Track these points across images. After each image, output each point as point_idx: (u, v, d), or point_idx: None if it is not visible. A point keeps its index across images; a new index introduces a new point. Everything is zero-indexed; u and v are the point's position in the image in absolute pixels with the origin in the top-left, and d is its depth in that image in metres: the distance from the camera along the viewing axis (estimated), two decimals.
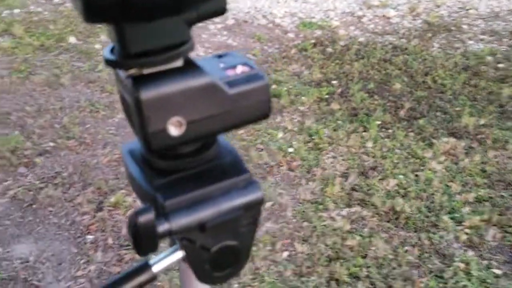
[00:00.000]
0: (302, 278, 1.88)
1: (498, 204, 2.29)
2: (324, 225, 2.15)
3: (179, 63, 0.36)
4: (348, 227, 2.15)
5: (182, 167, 0.40)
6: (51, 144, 2.68)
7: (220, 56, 0.42)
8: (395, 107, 3.06)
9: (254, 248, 2.01)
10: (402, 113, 3.00)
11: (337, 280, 1.88)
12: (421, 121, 2.90)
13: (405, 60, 3.59)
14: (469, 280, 1.90)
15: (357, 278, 1.90)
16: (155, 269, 0.40)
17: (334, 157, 2.61)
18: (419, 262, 1.99)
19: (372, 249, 2.04)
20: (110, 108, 3.07)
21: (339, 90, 3.25)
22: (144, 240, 0.36)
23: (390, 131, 2.83)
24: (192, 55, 0.39)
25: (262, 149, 2.67)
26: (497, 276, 1.93)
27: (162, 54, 0.35)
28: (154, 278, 0.40)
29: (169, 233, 0.38)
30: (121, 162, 2.55)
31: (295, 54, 3.79)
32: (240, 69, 0.39)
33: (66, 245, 1.99)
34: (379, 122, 2.88)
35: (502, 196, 2.35)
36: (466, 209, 2.27)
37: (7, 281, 1.81)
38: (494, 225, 2.18)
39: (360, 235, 2.10)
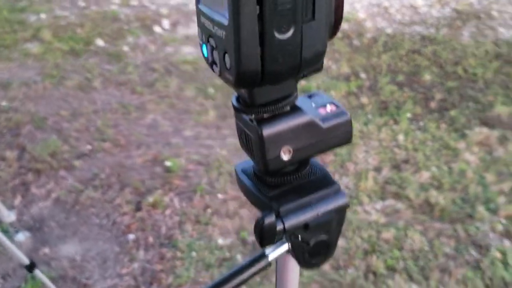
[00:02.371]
0: (340, 271, 1.91)
1: None
2: (360, 219, 2.17)
3: (288, 108, 0.49)
4: (383, 220, 2.17)
5: (287, 182, 0.52)
6: (88, 147, 2.76)
7: (310, 96, 0.54)
8: (425, 99, 3.05)
9: None
10: (432, 104, 2.98)
11: (374, 272, 1.91)
12: (452, 112, 2.88)
13: (434, 50, 3.56)
14: (507, 270, 1.90)
15: (394, 270, 1.92)
16: (270, 258, 0.52)
17: (366, 151, 2.62)
18: (455, 253, 2.00)
19: (407, 241, 2.05)
20: (141, 109, 3.14)
21: (368, 83, 3.25)
22: (266, 236, 0.50)
23: (421, 123, 2.82)
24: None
25: None
26: None
27: (279, 103, 0.48)
28: (269, 265, 0.52)
29: (283, 231, 0.50)
30: (155, 163, 2.62)
31: None
32: (329, 107, 0.52)
33: (109, 244, 2.07)
34: (409, 115, 2.88)
35: None
36: (502, 199, 2.25)
37: (57, 279, 1.89)
38: None
39: (395, 228, 2.12)
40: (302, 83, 2.90)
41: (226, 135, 2.85)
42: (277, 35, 0.42)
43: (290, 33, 0.43)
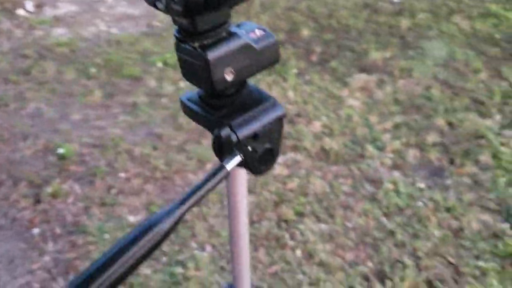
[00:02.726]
0: (255, 225, 1.99)
1: (413, 127, 2.52)
2: (264, 175, 2.26)
3: (225, 34, 0.55)
4: (286, 172, 2.27)
5: (232, 101, 0.59)
6: None
7: (238, 25, 0.59)
8: (306, 53, 3.19)
9: (204, 208, 2.08)
10: (314, 58, 3.14)
11: (285, 220, 2.01)
12: (333, 63, 3.06)
13: (308, 6, 3.71)
14: (399, 197, 2.11)
15: (302, 215, 2.04)
16: (228, 168, 0.57)
17: None
18: (353, 191, 2.17)
19: (310, 187, 2.18)
20: (19, 99, 2.93)
21: None
22: (225, 148, 0.56)
23: (306, 77, 2.96)
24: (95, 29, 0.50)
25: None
26: (421, 190, 2.15)
27: (218, 29, 0.54)
28: (228, 174, 0.56)
29: (238, 142, 0.57)
30: (46, 152, 2.48)
31: None
32: (258, 32, 0.58)
33: (13, 243, 1.95)
34: (295, 70, 3.00)
35: (415, 120, 2.58)
36: (386, 136, 2.47)
37: None
38: (413, 146, 2.41)
39: (298, 177, 2.24)
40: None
41: (116, 114, 2.76)
42: None
43: None
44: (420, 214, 2.02)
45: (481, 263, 1.81)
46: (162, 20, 3.73)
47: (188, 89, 2.54)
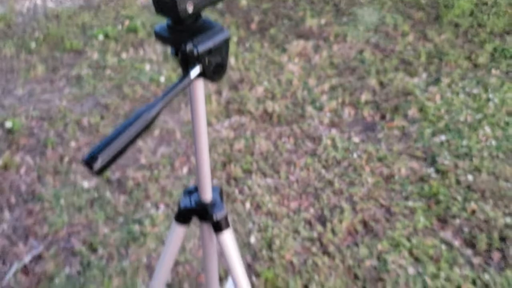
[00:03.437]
0: None
1: (348, 88, 2.71)
2: (212, 138, 2.39)
3: None
4: (232, 134, 2.41)
5: (192, 27, 0.74)
6: None
7: None
8: (246, 22, 3.30)
9: (155, 171, 2.18)
10: (253, 26, 3.25)
11: (234, 178, 2.16)
12: (271, 30, 3.19)
13: None
14: (336, 151, 2.30)
15: (250, 172, 2.19)
16: (192, 76, 0.72)
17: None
18: (295, 148, 2.34)
19: (256, 147, 2.33)
20: None
21: None
22: (190, 59, 0.72)
23: (247, 44, 3.08)
24: (30, 3, 0.61)
25: (134, 84, 2.76)
26: (356, 143, 2.35)
27: None
28: (191, 81, 0.72)
29: (198, 55, 0.72)
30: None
31: None
32: None
33: None
34: (236, 39, 3.11)
35: (349, 81, 2.77)
36: (324, 97, 2.65)
37: None
38: (348, 105, 2.60)
39: (244, 138, 2.38)
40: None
41: (62, 87, 2.79)
42: None
43: None
44: (355, 165, 2.22)
45: (409, 203, 2.03)
46: None
47: (130, 60, 2.63)
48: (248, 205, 2.04)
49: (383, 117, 2.51)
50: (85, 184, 2.12)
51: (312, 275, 1.74)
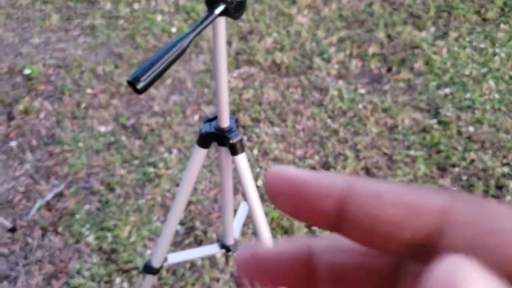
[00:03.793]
0: None
1: (356, 40, 2.76)
2: None
3: None
4: (241, 84, 2.48)
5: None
6: None
7: None
8: None
9: (168, 118, 2.28)
10: None
11: (243, 126, 2.25)
12: None
13: None
14: (343, 102, 2.38)
15: (258, 120, 2.29)
16: (216, 12, 0.79)
17: None
18: (303, 98, 2.42)
19: (264, 97, 2.41)
20: None
21: None
22: (214, 0, 0.79)
23: None
24: None
25: (147, 34, 2.82)
26: (362, 95, 2.42)
27: None
28: (216, 17, 0.79)
29: None
30: (12, 74, 2.58)
31: None
32: None
33: None
34: None
35: (358, 34, 2.81)
36: (332, 49, 2.70)
37: None
38: (355, 57, 2.65)
39: (253, 88, 2.46)
40: None
41: (76, 36, 2.86)
42: None
43: None
44: (360, 115, 2.30)
45: (411, 152, 2.12)
46: None
47: (142, 11, 2.66)
48: (256, 151, 2.14)
49: (389, 69, 2.57)
50: (102, 129, 2.23)
51: None
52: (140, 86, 0.66)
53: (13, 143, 2.16)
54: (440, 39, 2.76)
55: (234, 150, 0.87)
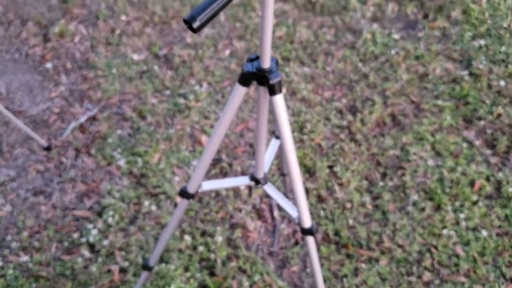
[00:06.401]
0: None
1: None
2: (255, 23, 2.46)
3: None
4: (274, 21, 2.47)
5: None
6: None
7: None
8: None
9: (200, 51, 2.30)
10: None
11: None
12: None
13: None
14: (375, 46, 2.36)
15: (288, 59, 2.29)
16: None
17: None
18: (335, 39, 2.40)
19: (296, 35, 2.40)
20: None
21: None
22: None
23: None
24: None
25: None
26: (395, 40, 2.39)
27: None
28: None
29: None
30: None
31: None
32: None
33: (30, 75, 2.17)
34: None
35: None
36: None
37: None
38: (392, 0, 2.59)
39: (286, 26, 2.44)
40: None
41: None
42: None
43: None
44: (392, 61, 2.29)
45: (439, 102, 2.13)
46: None
47: None
48: (284, 90, 2.16)
49: (425, 16, 2.52)
50: (135, 57, 2.27)
51: (338, 158, 1.91)
52: (196, 25, 0.69)
53: (48, 65, 2.21)
54: None
55: (272, 91, 0.90)
